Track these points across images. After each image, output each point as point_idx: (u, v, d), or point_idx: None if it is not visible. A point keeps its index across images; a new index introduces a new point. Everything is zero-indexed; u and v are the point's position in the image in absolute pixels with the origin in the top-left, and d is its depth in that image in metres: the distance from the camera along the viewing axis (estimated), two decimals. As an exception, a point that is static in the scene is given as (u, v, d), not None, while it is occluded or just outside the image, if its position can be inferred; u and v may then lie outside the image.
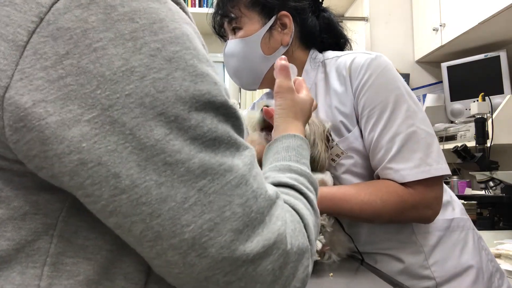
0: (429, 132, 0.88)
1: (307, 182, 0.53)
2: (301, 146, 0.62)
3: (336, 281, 0.76)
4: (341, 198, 0.85)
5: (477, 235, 1.00)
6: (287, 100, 0.71)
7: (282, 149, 0.60)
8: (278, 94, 0.72)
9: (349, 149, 0.93)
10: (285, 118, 0.69)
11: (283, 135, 0.64)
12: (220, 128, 0.37)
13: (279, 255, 0.38)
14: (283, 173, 0.53)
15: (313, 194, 0.52)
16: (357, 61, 0.92)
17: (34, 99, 0.32)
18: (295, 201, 0.47)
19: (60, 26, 0.33)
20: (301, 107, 0.73)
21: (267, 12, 0.97)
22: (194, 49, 0.37)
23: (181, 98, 0.35)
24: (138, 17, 0.34)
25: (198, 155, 0.35)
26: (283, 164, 0.56)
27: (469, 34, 2.24)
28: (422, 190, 0.85)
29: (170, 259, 0.34)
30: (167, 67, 0.34)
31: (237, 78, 1.04)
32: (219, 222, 0.35)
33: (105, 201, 0.33)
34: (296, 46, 1.01)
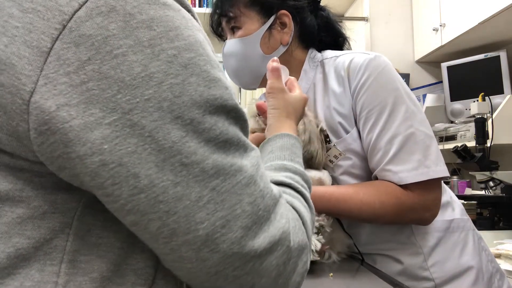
0: (427, 134, 0.88)
1: (302, 180, 0.55)
2: (295, 145, 0.63)
3: (336, 281, 0.76)
4: (339, 199, 0.85)
5: (477, 236, 1.00)
6: (279, 100, 0.73)
7: (276, 148, 0.62)
8: (270, 94, 0.74)
9: (347, 150, 0.93)
10: (278, 118, 0.71)
11: (276, 134, 0.65)
12: (230, 130, 0.39)
13: (283, 251, 0.40)
14: (279, 172, 0.55)
15: (307, 192, 0.54)
16: (356, 62, 0.92)
17: (58, 103, 0.33)
18: (292, 199, 0.48)
19: (82, 33, 0.34)
20: (293, 106, 0.75)
21: (267, 11, 0.97)
22: (207, 55, 0.39)
23: (196, 103, 0.36)
24: (155, 25, 0.36)
25: (212, 156, 0.37)
26: (278, 163, 0.57)
27: (469, 34, 2.24)
28: (421, 192, 0.85)
29: (184, 255, 0.36)
30: (183, 73, 0.36)
31: (237, 78, 1.04)
32: (231, 219, 0.37)
33: (124, 200, 0.34)
34: (295, 46, 1.01)
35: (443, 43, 2.42)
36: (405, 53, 2.75)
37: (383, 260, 0.95)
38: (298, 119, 0.75)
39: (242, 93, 2.89)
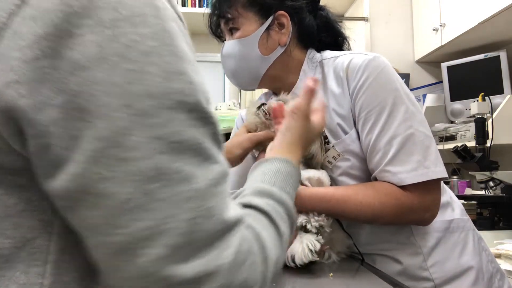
0: (427, 135, 0.87)
1: (285, 213, 0.49)
2: (291, 174, 0.58)
3: (336, 281, 0.76)
4: (339, 200, 0.85)
5: (477, 236, 1.00)
6: (298, 124, 0.69)
7: (270, 171, 0.57)
8: (293, 115, 0.70)
9: (345, 151, 0.92)
10: (288, 141, 0.67)
11: (277, 158, 0.61)
12: (189, 132, 0.35)
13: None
14: (261, 197, 0.49)
15: (286, 226, 0.48)
16: (355, 62, 0.92)
17: (8, 80, 0.32)
18: (262, 230, 0.42)
19: (42, 8, 0.32)
20: (308, 136, 0.71)
21: (265, 12, 0.97)
22: (174, 46, 0.36)
23: (150, 94, 0.34)
24: (121, 8, 0.34)
25: (156, 156, 0.33)
26: (265, 187, 0.52)
27: (469, 34, 2.24)
28: (420, 193, 0.85)
29: (99, 256, 0.34)
30: (142, 60, 0.34)
31: (235, 78, 1.04)
32: (158, 232, 0.32)
33: (58, 184, 0.33)
34: (294, 46, 1.01)
35: (443, 43, 2.42)
36: (405, 53, 2.75)
37: (382, 260, 0.95)
38: (307, 148, 0.72)
39: (242, 93, 2.89)
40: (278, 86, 1.04)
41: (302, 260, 0.77)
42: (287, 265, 0.79)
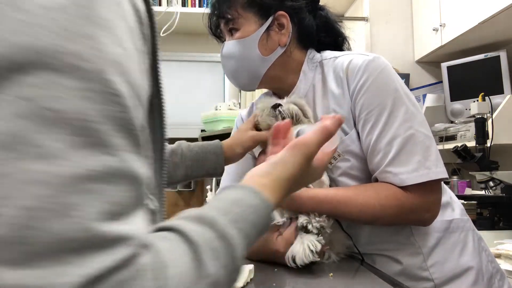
0: (427, 135, 0.87)
1: (223, 252, 0.38)
2: (257, 211, 0.46)
3: (336, 281, 0.76)
4: (339, 201, 0.85)
5: (477, 236, 1.00)
6: (296, 162, 0.55)
7: (230, 199, 0.46)
8: (296, 149, 0.56)
9: (346, 151, 0.92)
10: (276, 175, 0.54)
11: (248, 187, 0.49)
12: (74, 103, 0.29)
13: None
14: (197, 224, 0.39)
15: (221, 268, 0.37)
16: (354, 63, 0.92)
17: None
18: (172, 263, 0.33)
19: None
20: (302, 180, 0.58)
21: (264, 13, 0.97)
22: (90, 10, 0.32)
23: (35, 48, 0.28)
24: None
25: (16, 120, 0.27)
26: (209, 214, 0.41)
27: (469, 34, 2.24)
28: (421, 193, 0.85)
29: None
30: (38, 13, 0.29)
31: (235, 79, 1.04)
32: None
33: None
34: (293, 46, 1.01)
35: (443, 43, 2.42)
36: (405, 53, 2.75)
37: (382, 260, 0.95)
38: (292, 192, 0.57)
39: (242, 93, 2.89)
40: (278, 86, 1.04)
41: (303, 260, 0.78)
42: (288, 265, 0.80)
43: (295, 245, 0.80)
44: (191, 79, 2.95)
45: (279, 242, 0.82)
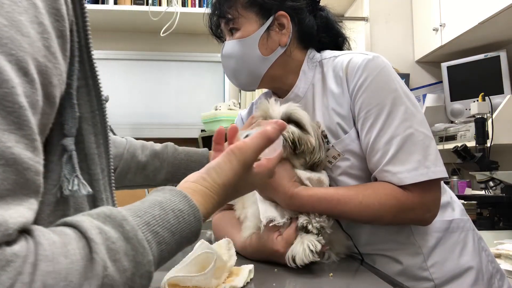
0: (426, 134, 0.87)
1: (126, 255, 0.36)
2: (180, 217, 0.44)
3: (336, 281, 0.76)
4: (339, 200, 0.85)
5: (477, 236, 1.00)
6: (231, 168, 0.53)
7: (156, 201, 0.44)
8: (231, 155, 0.54)
9: (345, 151, 0.92)
10: (209, 182, 0.51)
11: (180, 192, 0.47)
12: None
13: None
14: (102, 223, 0.37)
15: (120, 273, 0.35)
16: (354, 62, 0.92)
17: None
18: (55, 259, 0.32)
19: None
20: (239, 189, 0.56)
21: (265, 13, 0.97)
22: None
23: None
24: None
25: None
26: (124, 215, 0.39)
27: (469, 34, 2.24)
28: (420, 193, 0.85)
29: None
30: None
31: (235, 79, 1.04)
32: None
33: None
34: (294, 46, 1.01)
35: (443, 43, 2.42)
36: (405, 53, 2.75)
37: (382, 260, 0.95)
38: (226, 201, 0.55)
39: (242, 93, 2.89)
40: (278, 86, 1.04)
41: (303, 260, 0.78)
42: (288, 265, 0.80)
43: (295, 245, 0.80)
44: (191, 79, 2.95)
45: (279, 242, 0.82)
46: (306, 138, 0.87)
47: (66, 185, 0.42)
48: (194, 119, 2.81)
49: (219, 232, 1.02)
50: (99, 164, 0.49)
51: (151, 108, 2.86)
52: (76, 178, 0.43)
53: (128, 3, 2.62)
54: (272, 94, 1.09)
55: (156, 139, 3.11)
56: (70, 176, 0.42)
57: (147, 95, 2.87)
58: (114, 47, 2.88)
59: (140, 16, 2.59)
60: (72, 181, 0.42)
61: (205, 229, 1.34)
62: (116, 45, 2.88)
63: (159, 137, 2.81)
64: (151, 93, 2.88)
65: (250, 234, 0.89)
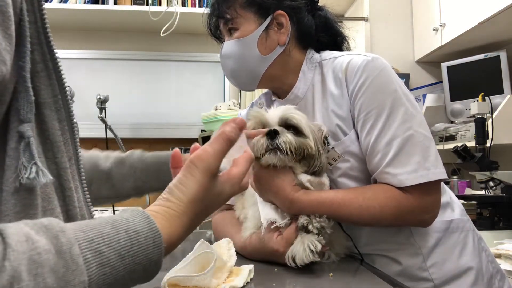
0: (426, 136, 0.87)
1: (51, 271, 0.32)
2: (135, 240, 0.39)
3: (336, 281, 0.76)
4: (340, 203, 0.85)
5: (477, 236, 1.00)
6: (195, 179, 0.48)
7: (112, 219, 0.40)
8: (190, 167, 0.49)
9: (345, 152, 0.92)
10: (173, 202, 0.47)
11: (143, 212, 0.43)
12: None
13: None
14: (36, 232, 0.34)
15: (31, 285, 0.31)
16: (353, 63, 0.91)
17: None
18: None
19: None
20: (207, 203, 0.50)
21: (263, 12, 0.97)
22: None
23: None
24: None
25: None
26: (62, 227, 0.36)
27: (469, 34, 2.24)
28: (420, 194, 0.85)
29: None
30: None
31: (234, 79, 1.04)
32: None
33: None
34: (293, 46, 1.01)
35: (443, 43, 2.42)
36: (405, 53, 2.75)
37: (382, 260, 0.95)
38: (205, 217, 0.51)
39: (242, 93, 2.89)
40: (277, 86, 1.04)
41: (303, 260, 0.78)
42: (288, 265, 0.80)
43: (295, 245, 0.80)
44: (191, 79, 2.95)
45: (279, 241, 0.82)
46: (306, 143, 0.86)
47: (24, 173, 0.39)
48: (194, 119, 2.81)
49: (219, 232, 1.03)
50: (65, 151, 0.47)
51: (151, 108, 2.86)
52: (35, 166, 0.40)
53: (128, 3, 2.62)
54: (272, 94, 1.09)
55: (156, 139, 3.10)
56: (28, 163, 0.40)
57: (147, 95, 2.87)
58: (114, 47, 2.88)
59: (140, 16, 2.59)
60: (30, 169, 0.40)
61: (205, 229, 1.34)
62: (116, 45, 2.88)
63: (159, 137, 2.81)
64: (151, 93, 2.88)
65: (250, 235, 0.89)
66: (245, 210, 0.97)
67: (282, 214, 0.87)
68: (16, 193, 0.40)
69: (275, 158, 0.84)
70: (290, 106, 0.92)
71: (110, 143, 2.21)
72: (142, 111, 2.84)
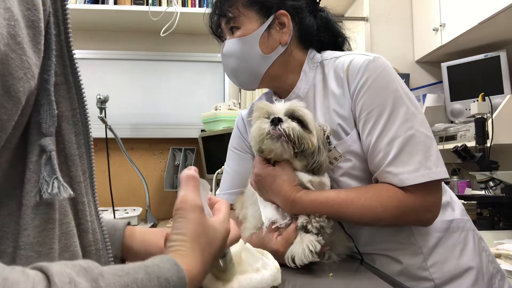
0: (428, 135, 0.87)
1: None
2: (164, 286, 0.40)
3: (336, 281, 0.76)
4: (341, 204, 0.85)
5: (478, 236, 1.00)
6: (189, 222, 0.49)
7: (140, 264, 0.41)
8: (178, 211, 0.50)
9: (347, 152, 0.92)
10: (183, 251, 0.47)
11: (170, 259, 0.43)
12: None
13: None
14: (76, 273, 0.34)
15: None
16: (355, 63, 0.92)
17: None
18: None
19: None
20: (208, 238, 0.50)
21: (265, 11, 0.97)
22: None
23: None
24: None
25: None
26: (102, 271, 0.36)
27: (469, 34, 2.24)
28: (422, 194, 0.85)
29: None
30: None
31: (236, 78, 1.03)
32: None
33: None
34: (294, 46, 1.01)
35: (443, 43, 2.42)
36: (405, 53, 2.75)
37: (382, 260, 0.95)
38: (213, 257, 0.51)
39: (242, 93, 2.89)
40: (278, 85, 1.04)
41: (302, 260, 0.78)
42: (287, 265, 0.79)
43: (294, 245, 0.80)
44: (191, 79, 2.94)
45: (279, 241, 0.82)
46: (308, 137, 0.86)
47: (46, 187, 0.39)
48: (194, 119, 2.81)
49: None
50: (80, 165, 0.47)
51: (151, 108, 2.86)
52: (56, 180, 0.40)
53: (128, 3, 2.62)
54: (273, 94, 1.09)
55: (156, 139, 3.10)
56: (49, 178, 0.40)
57: (147, 95, 2.87)
58: (114, 47, 2.88)
59: (140, 16, 2.59)
60: (52, 184, 0.40)
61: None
62: (116, 45, 2.88)
63: (159, 137, 2.81)
64: (151, 93, 2.88)
65: (250, 235, 0.89)
66: (244, 209, 0.97)
67: (283, 214, 0.87)
68: (36, 207, 0.40)
69: (276, 144, 0.84)
70: (299, 101, 0.92)
71: (110, 143, 2.21)
72: (142, 111, 2.84)
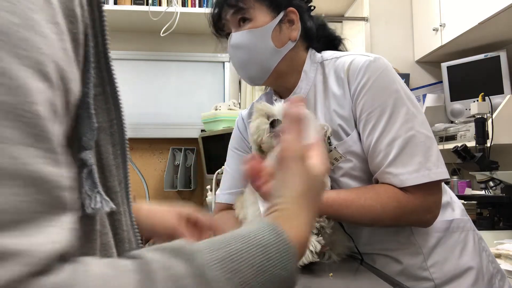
0: (428, 136, 0.87)
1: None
2: (268, 256, 0.37)
3: (336, 281, 0.76)
4: (341, 204, 0.85)
5: (478, 236, 1.00)
6: (294, 175, 0.46)
7: (235, 236, 0.38)
8: (284, 161, 0.47)
9: (347, 152, 0.92)
10: (288, 203, 0.44)
11: (265, 224, 0.40)
12: None
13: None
14: (169, 256, 0.33)
15: None
16: (355, 64, 0.91)
17: None
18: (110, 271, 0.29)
19: None
20: (314, 188, 0.47)
21: (275, 7, 0.97)
22: None
23: None
24: None
25: None
26: (196, 249, 0.35)
27: (469, 34, 2.24)
28: (422, 194, 0.85)
29: None
30: None
31: (244, 71, 1.00)
32: None
33: None
34: (299, 44, 1.01)
35: (443, 43, 2.42)
36: (405, 53, 2.75)
37: (382, 260, 0.95)
38: (316, 208, 0.48)
39: (242, 93, 2.89)
40: (281, 84, 1.03)
41: (302, 261, 0.77)
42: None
43: (295, 245, 0.80)
44: (191, 79, 2.94)
45: (279, 242, 0.82)
46: None
47: (88, 202, 0.38)
48: (194, 119, 2.81)
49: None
50: (116, 175, 0.46)
51: (151, 108, 2.86)
52: (98, 195, 0.39)
53: (128, 3, 2.62)
54: (273, 94, 1.09)
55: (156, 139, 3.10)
56: (91, 192, 0.39)
57: (147, 95, 2.87)
58: (114, 47, 2.87)
59: (140, 16, 2.59)
60: (95, 198, 0.39)
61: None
62: (116, 45, 2.88)
63: (159, 137, 2.81)
64: (151, 93, 2.88)
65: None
66: (244, 209, 0.97)
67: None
68: (78, 221, 0.38)
69: (275, 142, 0.84)
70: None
71: (110, 143, 2.21)
72: (142, 111, 2.84)
